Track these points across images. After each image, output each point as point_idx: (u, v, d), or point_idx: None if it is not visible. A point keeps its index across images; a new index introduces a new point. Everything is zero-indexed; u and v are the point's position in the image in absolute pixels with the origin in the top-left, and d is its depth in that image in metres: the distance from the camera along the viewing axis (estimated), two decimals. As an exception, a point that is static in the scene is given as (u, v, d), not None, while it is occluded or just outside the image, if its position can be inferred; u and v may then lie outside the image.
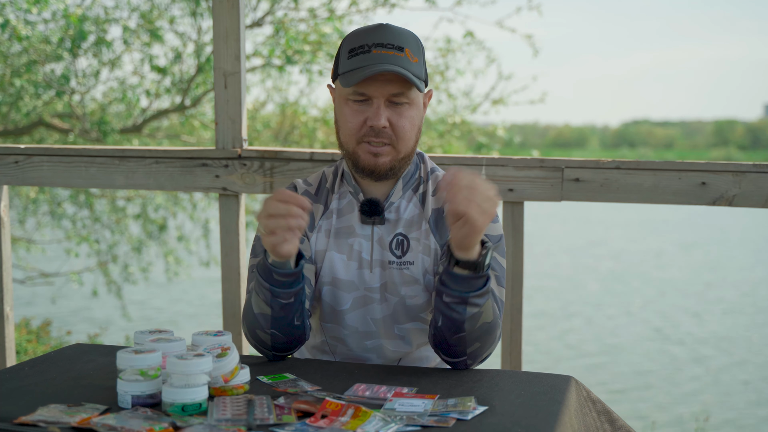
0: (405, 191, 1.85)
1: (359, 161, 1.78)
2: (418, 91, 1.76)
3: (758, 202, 2.36)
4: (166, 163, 2.70)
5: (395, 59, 1.71)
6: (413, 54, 1.75)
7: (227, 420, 1.37)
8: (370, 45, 1.73)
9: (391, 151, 1.77)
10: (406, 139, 1.77)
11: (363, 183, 1.85)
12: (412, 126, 1.77)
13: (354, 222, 1.84)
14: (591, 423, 1.61)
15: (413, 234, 1.82)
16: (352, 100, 1.76)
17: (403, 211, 1.84)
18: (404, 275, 1.80)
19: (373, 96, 1.74)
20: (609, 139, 49.50)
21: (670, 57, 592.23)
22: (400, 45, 1.74)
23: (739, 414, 6.68)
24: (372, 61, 1.71)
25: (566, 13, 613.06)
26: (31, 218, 7.82)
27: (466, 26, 7.89)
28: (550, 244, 15.98)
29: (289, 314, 1.69)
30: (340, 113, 1.80)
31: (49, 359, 1.77)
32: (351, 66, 1.74)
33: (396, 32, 1.76)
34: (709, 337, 9.24)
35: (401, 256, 1.81)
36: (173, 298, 10.58)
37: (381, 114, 1.74)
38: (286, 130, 7.46)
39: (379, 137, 1.75)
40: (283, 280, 1.65)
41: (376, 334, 1.83)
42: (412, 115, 1.77)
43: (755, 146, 42.97)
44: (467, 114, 7.06)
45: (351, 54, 1.75)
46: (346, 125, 1.78)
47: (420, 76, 1.76)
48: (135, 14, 6.44)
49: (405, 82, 1.73)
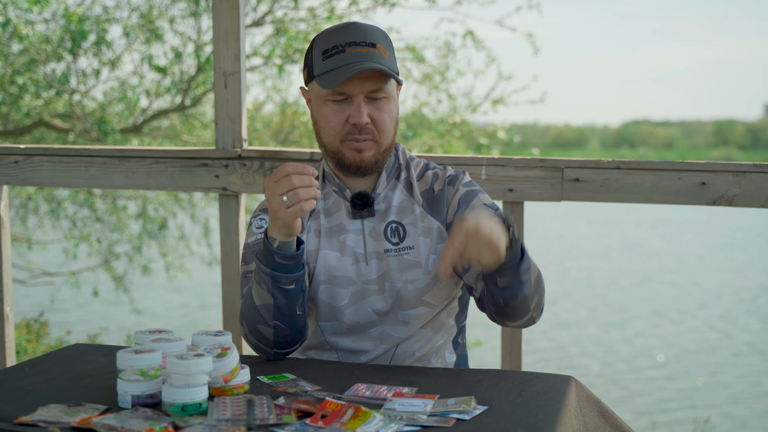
0: (389, 181, 1.88)
1: (344, 159, 1.81)
2: (392, 82, 1.80)
3: (758, 202, 2.36)
4: (166, 163, 2.70)
5: (370, 56, 1.74)
6: (385, 49, 1.78)
7: (227, 420, 1.37)
8: (344, 44, 1.76)
9: (374, 145, 1.80)
10: (386, 132, 1.81)
11: (347, 180, 1.87)
12: (392, 119, 1.82)
13: (343, 219, 1.86)
14: (591, 423, 1.61)
15: (407, 219, 1.85)
16: (331, 100, 1.79)
17: (392, 199, 1.87)
18: (403, 260, 1.82)
19: (353, 94, 1.77)
20: (609, 139, 49.49)
21: (670, 57, 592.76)
22: (372, 42, 1.77)
23: (740, 415, 6.68)
24: (348, 60, 1.74)
25: (566, 13, 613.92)
26: (33, 216, 7.82)
27: (466, 25, 7.90)
28: (549, 243, 15.98)
29: (291, 302, 1.70)
30: (320, 114, 1.82)
31: (49, 359, 1.77)
32: (328, 67, 1.76)
33: (366, 29, 1.79)
34: (709, 337, 9.24)
35: (398, 242, 1.83)
36: (173, 298, 10.58)
37: (363, 111, 1.77)
38: (286, 130, 7.46)
39: (362, 134, 1.78)
40: (284, 263, 1.66)
41: (379, 322, 1.84)
42: (390, 108, 1.81)
43: (755, 146, 42.96)
44: (467, 114, 7.06)
45: (325, 55, 1.77)
46: (328, 125, 1.81)
47: (393, 69, 1.80)
48: (135, 14, 6.44)
49: (382, 77, 1.77)
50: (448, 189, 1.87)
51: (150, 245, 7.79)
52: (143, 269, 7.81)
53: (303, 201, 1.58)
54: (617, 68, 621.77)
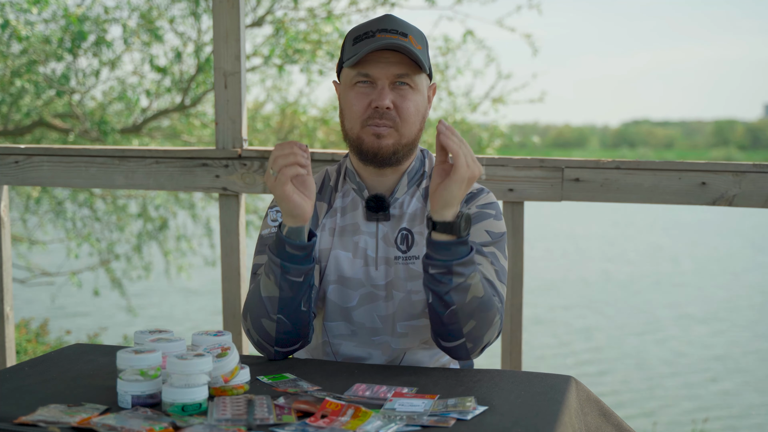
0: (410, 187, 1.85)
1: (363, 144, 1.78)
2: (422, 75, 1.78)
3: (758, 202, 2.36)
4: (166, 163, 2.70)
5: (400, 41, 1.73)
6: (417, 42, 1.77)
7: (227, 420, 1.37)
8: (375, 31, 1.75)
9: (394, 133, 1.77)
10: (410, 122, 1.77)
11: (367, 179, 1.85)
12: (416, 110, 1.78)
13: (359, 219, 1.84)
14: (591, 423, 1.61)
15: (417, 228, 1.83)
16: (357, 82, 1.77)
17: (407, 206, 1.84)
18: (410, 270, 1.81)
19: (377, 77, 1.75)
20: (609, 139, 49.48)
21: (670, 57, 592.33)
22: (404, 32, 1.76)
23: (738, 415, 6.68)
24: (376, 42, 1.73)
25: (566, 13, 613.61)
26: (33, 217, 7.81)
27: (465, 25, 7.89)
28: (550, 243, 15.98)
29: (297, 296, 1.68)
30: (345, 100, 1.81)
31: (49, 359, 1.77)
32: (355, 51, 1.76)
33: (400, 22, 1.79)
34: (709, 335, 9.24)
35: (406, 250, 1.81)
36: (173, 298, 10.58)
37: (385, 94, 1.74)
38: (286, 129, 7.47)
39: (383, 119, 1.76)
40: (295, 254, 1.64)
41: (382, 331, 1.83)
42: (417, 99, 1.78)
43: (755, 146, 42.95)
44: (468, 113, 7.06)
45: (356, 41, 1.77)
46: (351, 109, 1.79)
47: (424, 61, 1.77)
48: (135, 14, 6.45)
49: (409, 63, 1.75)
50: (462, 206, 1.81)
51: (150, 246, 7.78)
52: (143, 269, 7.80)
53: (284, 167, 1.58)
54: (617, 68, 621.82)
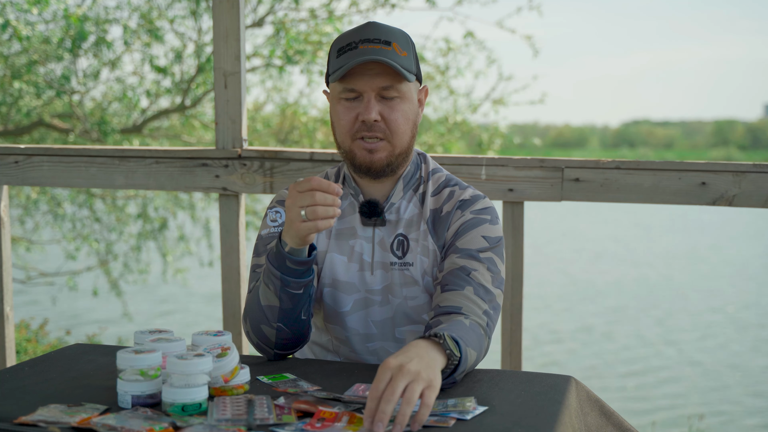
0: (406, 192, 1.84)
1: (356, 159, 1.77)
2: (408, 83, 1.75)
3: (758, 202, 2.36)
4: (166, 163, 2.70)
5: (382, 52, 1.71)
6: (401, 48, 1.74)
7: (227, 420, 1.37)
8: (357, 42, 1.73)
9: (386, 146, 1.76)
10: (400, 133, 1.75)
11: (363, 184, 1.84)
12: (406, 120, 1.76)
13: (355, 223, 1.83)
14: (592, 423, 1.60)
15: (412, 234, 1.81)
16: (343, 98, 1.76)
17: (403, 212, 1.83)
18: (405, 276, 1.80)
19: (363, 91, 1.73)
20: (609, 139, 49.50)
21: (670, 57, 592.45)
22: (387, 39, 1.73)
23: (735, 414, 6.68)
24: (358, 55, 1.71)
25: (566, 13, 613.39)
26: (30, 219, 7.81)
27: (466, 26, 7.90)
28: (550, 243, 15.99)
29: (297, 307, 1.68)
30: (334, 113, 1.79)
31: (49, 359, 1.77)
32: (339, 64, 1.73)
33: (383, 28, 1.76)
34: (710, 336, 9.25)
35: (402, 256, 1.80)
36: (173, 298, 10.57)
37: (371, 107, 1.72)
38: (286, 130, 7.46)
39: (371, 131, 1.74)
40: (295, 269, 1.64)
41: (377, 337, 1.82)
42: (405, 108, 1.75)
43: (755, 146, 42.96)
44: (468, 114, 7.06)
45: (339, 53, 1.75)
46: (339, 123, 1.77)
47: (409, 68, 1.74)
48: (135, 14, 6.45)
49: (394, 74, 1.72)
50: (456, 213, 1.80)
51: (149, 248, 7.78)
52: (139, 273, 7.80)
53: (320, 219, 1.55)
54: (617, 68, 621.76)
